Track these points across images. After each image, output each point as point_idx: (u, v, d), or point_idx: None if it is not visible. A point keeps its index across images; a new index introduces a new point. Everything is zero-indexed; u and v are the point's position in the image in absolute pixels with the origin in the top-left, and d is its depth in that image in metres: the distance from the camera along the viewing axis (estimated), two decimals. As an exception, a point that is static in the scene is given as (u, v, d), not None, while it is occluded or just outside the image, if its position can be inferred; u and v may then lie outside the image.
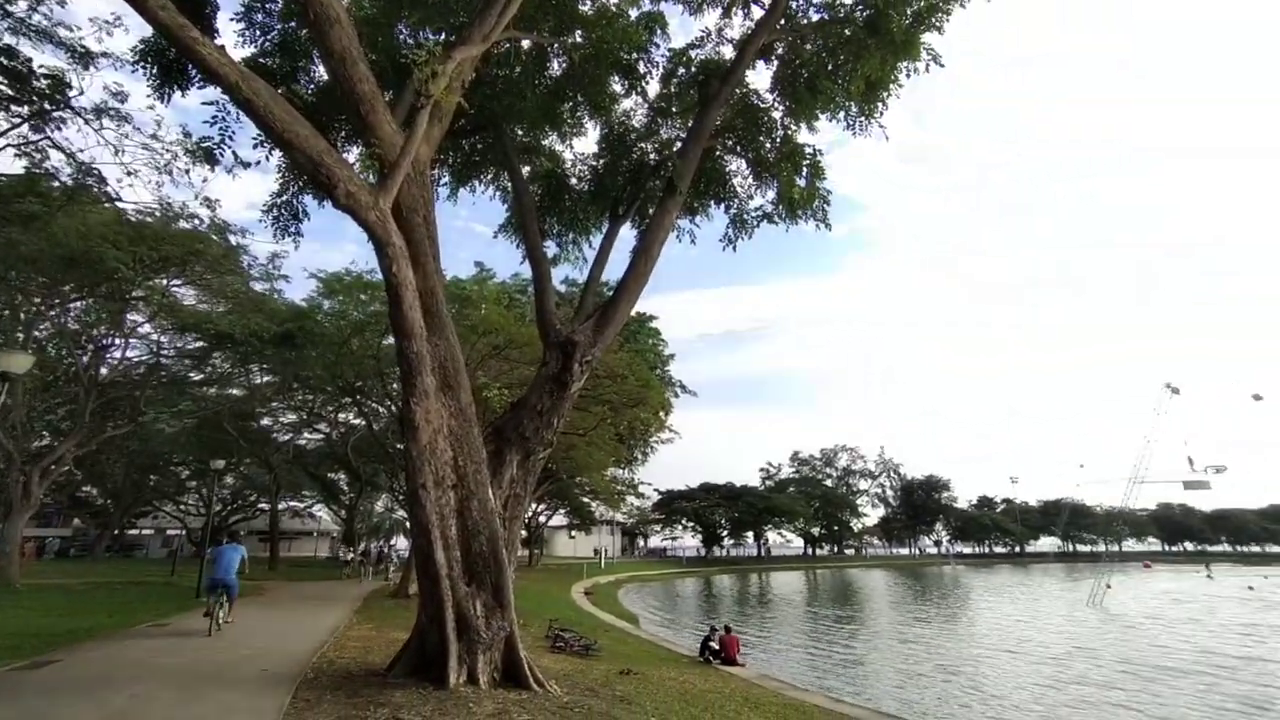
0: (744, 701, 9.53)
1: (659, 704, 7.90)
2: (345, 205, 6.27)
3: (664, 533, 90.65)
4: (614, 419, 25.50)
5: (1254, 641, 21.14)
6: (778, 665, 16.43)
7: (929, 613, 31.37)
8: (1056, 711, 12.23)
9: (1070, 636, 22.35)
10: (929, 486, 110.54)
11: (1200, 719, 11.93)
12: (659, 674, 11.02)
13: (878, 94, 8.96)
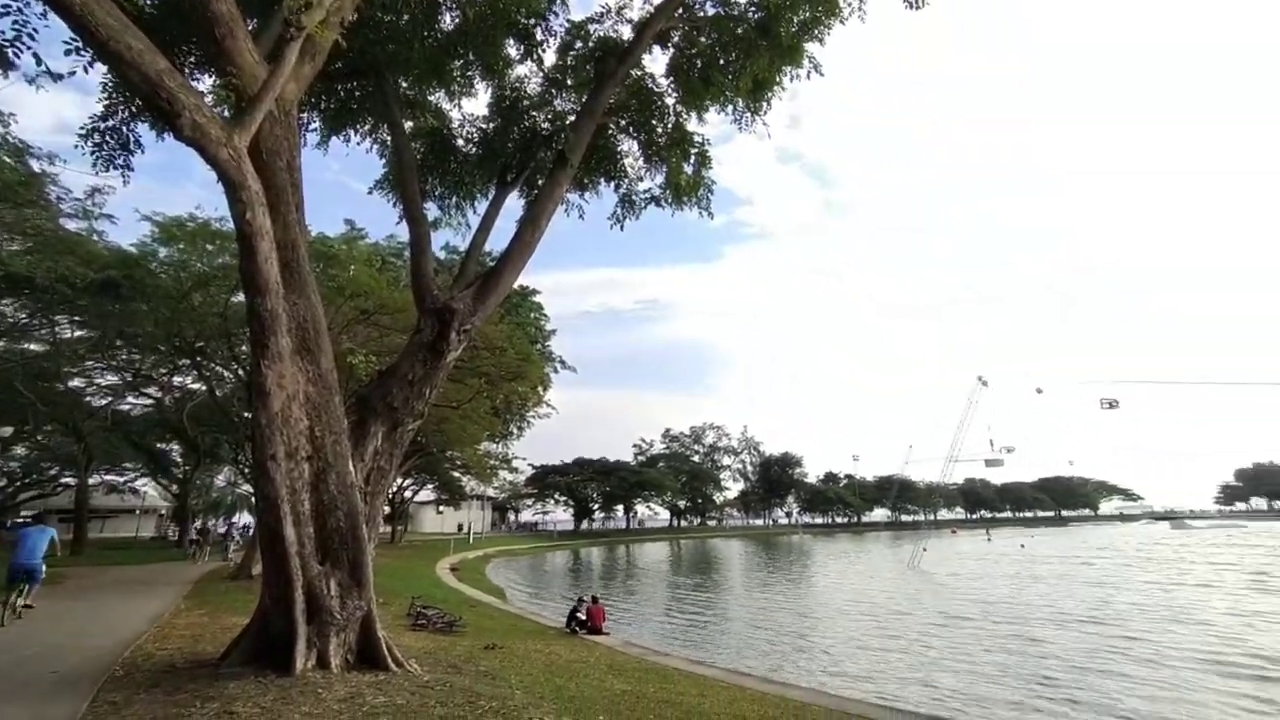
0: (608, 668, 9.89)
1: (524, 676, 7.98)
2: (190, 138, 5.45)
3: (536, 507, 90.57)
4: (490, 392, 24.87)
5: (1021, 587, 25.43)
6: (642, 632, 17.17)
7: (778, 578, 34.28)
8: (886, 658, 13.92)
9: (891, 593, 25.50)
10: (784, 463, 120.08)
11: (984, 652, 14.14)
12: (525, 647, 11.10)
13: (764, 93, 9.39)
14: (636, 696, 7.66)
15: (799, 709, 8.22)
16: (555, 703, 6.58)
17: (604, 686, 8.12)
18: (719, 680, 9.99)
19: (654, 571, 40.82)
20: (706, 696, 8.27)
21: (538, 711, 5.95)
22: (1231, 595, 23.21)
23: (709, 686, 9.17)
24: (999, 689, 11.28)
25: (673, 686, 8.78)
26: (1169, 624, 17.46)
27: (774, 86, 9.63)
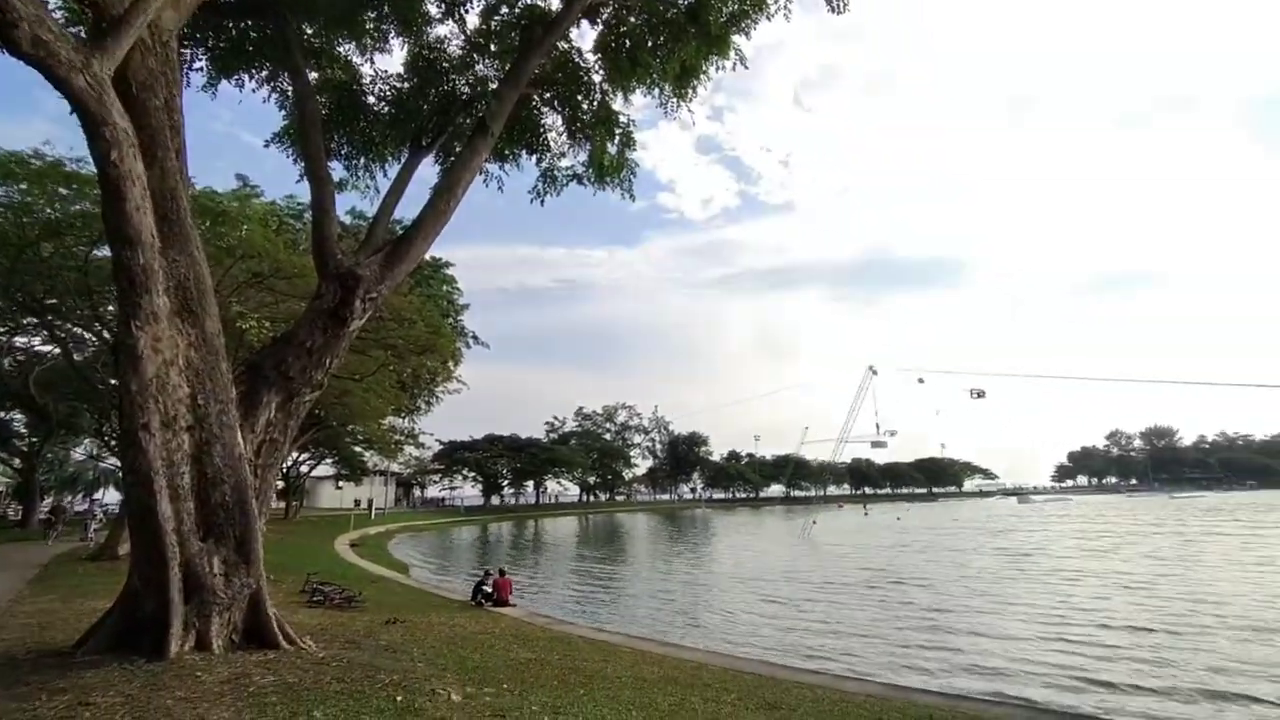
0: (514, 638, 9.98)
1: (426, 649, 7.92)
2: (31, 56, 4.67)
3: (443, 483, 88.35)
4: (398, 365, 23.88)
5: (896, 555, 27.94)
6: (549, 603, 17.36)
7: (680, 549, 35.63)
8: (776, 620, 14.90)
9: (782, 562, 27.19)
10: (691, 441, 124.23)
11: (858, 612, 15.46)
12: (428, 620, 10.96)
13: (690, 80, 9.48)
14: (541, 664, 7.82)
15: (695, 669, 8.71)
16: (458, 673, 6.60)
17: (509, 656, 8.22)
18: (622, 646, 10.36)
19: (562, 545, 41.16)
20: (609, 662, 8.57)
21: (440, 682, 5.96)
22: (1058, 556, 26.62)
23: (612, 652, 9.49)
24: (872, 645, 12.36)
25: (577, 654, 9.01)
26: (1010, 583, 19.81)
27: (700, 75, 9.73)
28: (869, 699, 7.69)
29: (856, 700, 7.53)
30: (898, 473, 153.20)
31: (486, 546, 40.70)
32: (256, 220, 17.27)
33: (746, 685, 7.87)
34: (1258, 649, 11.56)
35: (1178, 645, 11.87)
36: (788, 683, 8.37)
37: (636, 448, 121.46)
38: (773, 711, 6.52)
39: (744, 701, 6.83)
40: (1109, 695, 9.33)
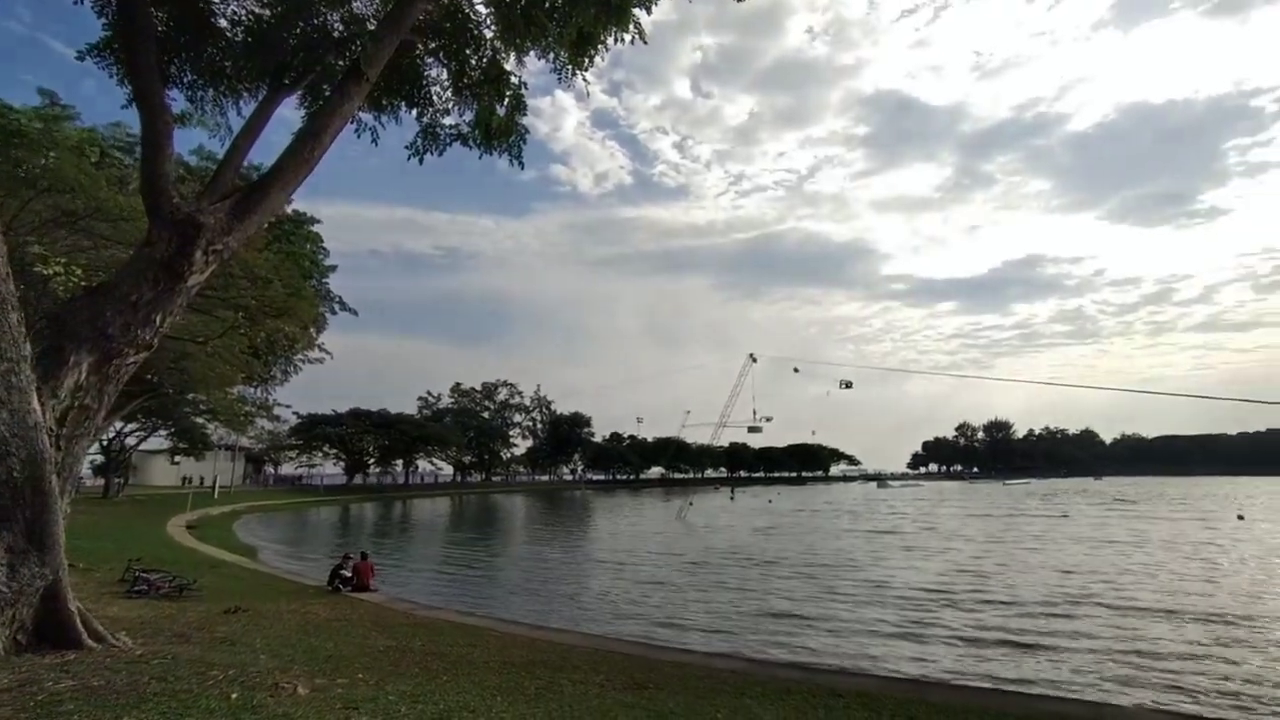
0: (373, 625, 9.44)
1: (272, 640, 7.25)
2: None
3: (301, 460, 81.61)
4: (249, 329, 21.48)
5: (766, 535, 29.94)
6: (416, 588, 16.62)
7: (557, 531, 35.65)
8: (648, 599, 15.29)
9: (658, 542, 28.13)
10: (574, 422, 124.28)
11: (724, 589, 16.37)
12: (277, 608, 10.08)
13: (587, 49, 9.18)
14: (401, 651, 7.44)
15: (566, 651, 8.72)
16: (308, 664, 6.10)
17: (366, 644, 7.75)
18: (490, 629, 10.14)
19: (433, 527, 39.62)
20: (476, 646, 8.35)
21: (286, 675, 5.45)
22: (906, 536, 29.89)
23: (480, 636, 9.26)
24: (742, 623, 13.03)
25: (442, 639, 8.69)
26: (868, 564, 21.91)
27: (598, 45, 9.44)
28: (734, 674, 8.04)
29: (722, 676, 7.87)
30: (772, 457, 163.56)
31: (348, 528, 38.21)
32: (68, 148, 14.59)
33: (616, 665, 7.98)
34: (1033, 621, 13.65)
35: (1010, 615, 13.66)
36: (658, 661, 8.57)
37: (517, 427, 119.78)
38: (641, 691, 6.66)
39: (612, 681, 6.93)
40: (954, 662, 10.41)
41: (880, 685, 8.24)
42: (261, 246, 21.30)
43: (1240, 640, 10.99)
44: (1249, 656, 10.06)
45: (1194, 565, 19.65)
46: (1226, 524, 33.10)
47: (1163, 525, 33.03)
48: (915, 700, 6.94)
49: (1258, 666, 9.56)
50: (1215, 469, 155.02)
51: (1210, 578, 17.28)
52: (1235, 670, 9.38)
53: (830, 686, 7.60)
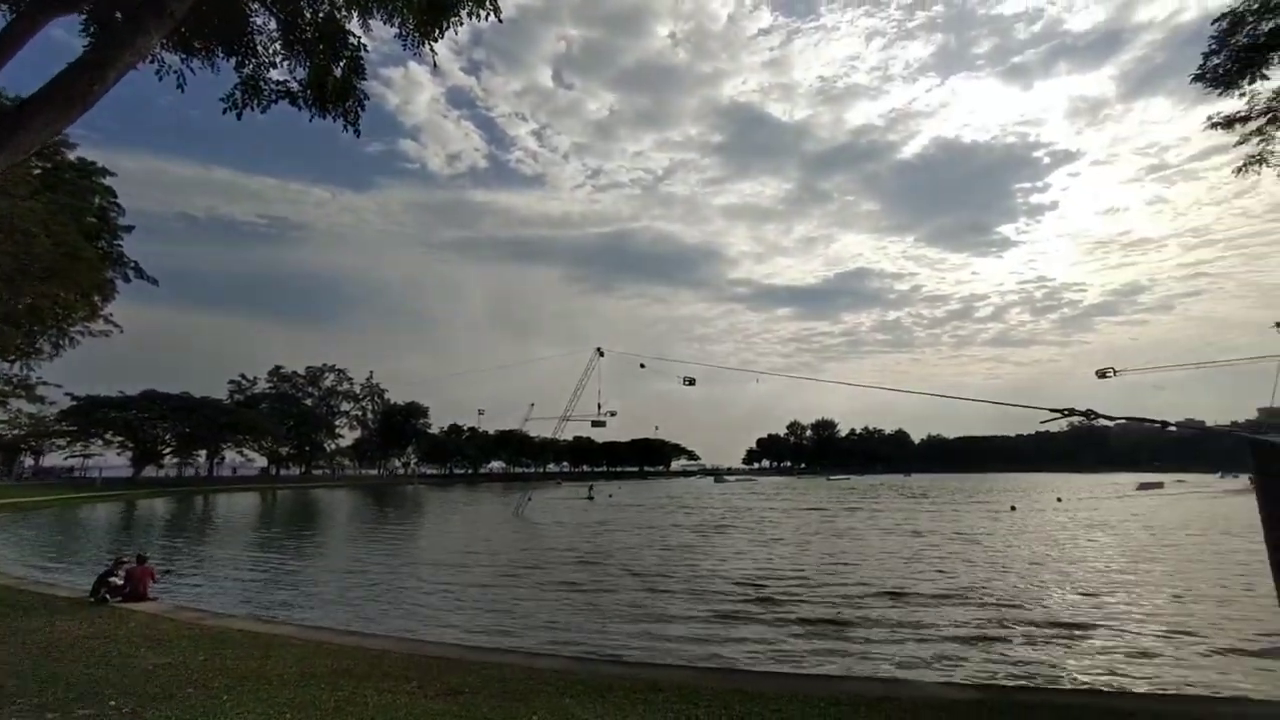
0: (144, 641, 8.14)
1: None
2: None
3: (75, 449, 67.88)
4: (5, 290, 17.48)
5: (602, 530, 30.56)
6: (208, 595, 14.60)
7: (384, 529, 33.36)
8: (476, 600, 14.82)
9: (492, 540, 27.48)
10: (409, 412, 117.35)
11: (562, 581, 16.45)
12: (10, 627, 8.28)
13: (439, 18, 8.65)
14: (176, 669, 6.51)
15: (377, 657, 8.19)
16: (38, 695, 5.09)
17: (130, 664, 6.66)
18: (292, 638, 9.20)
19: (236, 525, 35.01)
20: (271, 658, 7.54)
21: (5, 711, 4.50)
22: (737, 529, 32.17)
23: (278, 646, 8.37)
24: (573, 620, 13.13)
25: (230, 652, 7.73)
26: (698, 557, 23.20)
27: (452, 16, 8.93)
28: (556, 674, 7.92)
29: (544, 676, 7.75)
30: (615, 452, 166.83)
31: (132, 529, 32.49)
32: None
33: (432, 670, 7.62)
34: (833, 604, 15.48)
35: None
36: (477, 664, 8.26)
37: (344, 416, 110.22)
38: (455, 697, 6.44)
39: (425, 689, 6.63)
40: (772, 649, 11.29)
41: (698, 677, 8.46)
42: (26, 194, 17.42)
43: (1011, 618, 12.79)
44: (1018, 632, 11.74)
45: (975, 550, 23.07)
46: (1004, 515, 39.18)
47: (954, 516, 38.35)
48: (731, 690, 7.27)
49: (1024, 640, 11.19)
50: (1002, 466, 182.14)
51: (989, 562, 20.21)
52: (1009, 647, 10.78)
53: (651, 681, 7.73)
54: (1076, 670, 9.46)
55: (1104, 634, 11.44)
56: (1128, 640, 11.05)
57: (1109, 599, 14.45)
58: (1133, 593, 15.21)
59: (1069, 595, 14.95)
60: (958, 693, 7.63)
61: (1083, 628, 11.84)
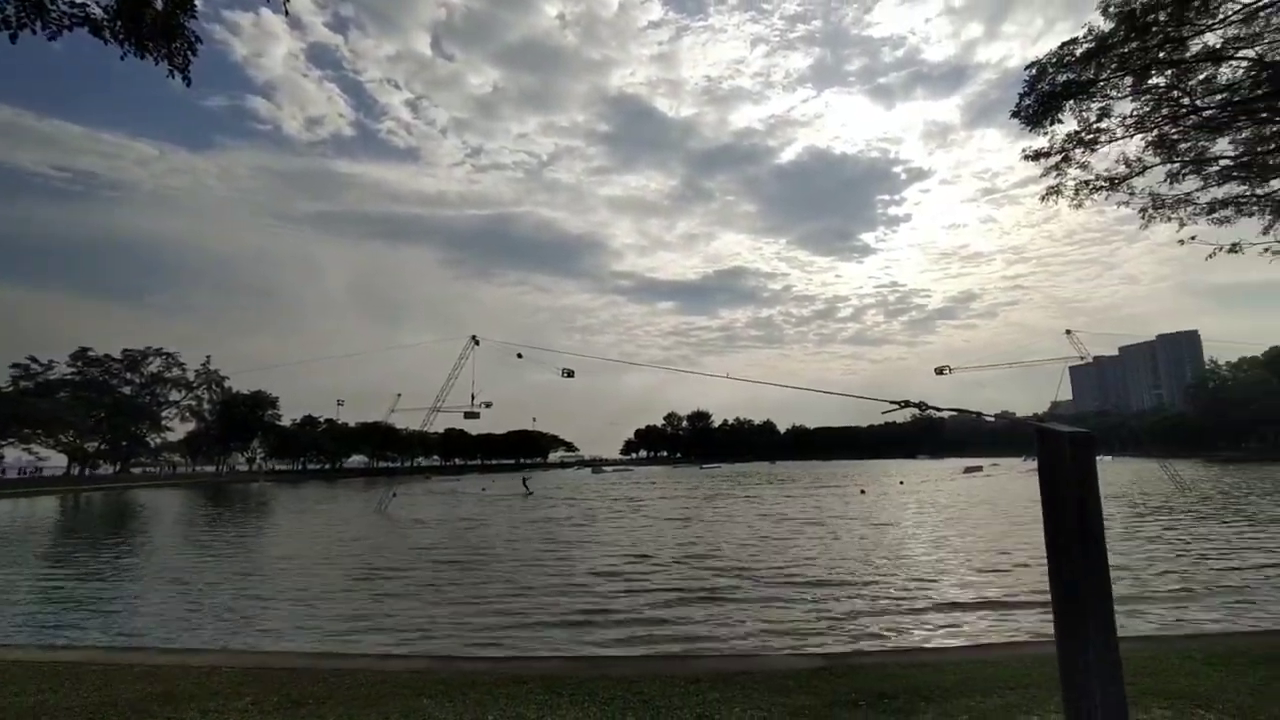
0: None
1: None
2: None
3: None
4: None
5: (471, 526, 29.54)
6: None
7: (220, 532, 29.76)
8: (328, 606, 13.64)
9: (351, 539, 25.53)
10: (254, 402, 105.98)
11: (426, 579, 15.65)
12: None
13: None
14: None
15: (205, 675, 7.28)
16: None
17: None
18: (90, 663, 7.89)
19: (21, 539, 29.44)
20: (61, 689, 6.41)
21: None
22: (606, 519, 32.50)
23: (71, 676, 7.13)
24: (436, 617, 12.52)
25: (3, 690, 6.45)
26: (567, 549, 23.12)
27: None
28: (413, 675, 7.59)
29: (400, 678, 7.38)
30: (491, 444, 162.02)
31: None
32: None
33: (271, 684, 6.92)
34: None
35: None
36: (324, 672, 7.61)
37: (174, 407, 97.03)
38: (297, 708, 5.89)
39: (261, 704, 5.99)
40: (638, 633, 11.50)
41: (564, 666, 8.48)
42: None
43: (859, 590, 13.90)
44: (863, 602, 12.82)
45: (827, 530, 24.90)
46: (854, 498, 42.63)
47: (813, 500, 41.30)
48: (597, 677, 7.28)
49: (869, 608, 12.28)
50: (855, 453, 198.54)
51: (840, 540, 21.90)
52: (856, 616, 11.72)
53: (515, 674, 7.61)
54: (909, 630, 10.69)
55: (930, 597, 13.02)
56: (949, 600, 12.68)
57: (935, 567, 16.45)
58: (953, 559, 17.46)
59: (906, 565, 16.82)
60: (806, 662, 8.27)
61: (916, 595, 13.36)
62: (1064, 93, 10.70)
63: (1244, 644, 8.36)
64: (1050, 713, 4.77)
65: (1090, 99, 10.81)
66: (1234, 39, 9.89)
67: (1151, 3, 9.65)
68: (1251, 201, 11.79)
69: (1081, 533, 4.31)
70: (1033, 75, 10.91)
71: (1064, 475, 4.51)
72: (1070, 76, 10.59)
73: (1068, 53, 10.39)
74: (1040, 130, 11.34)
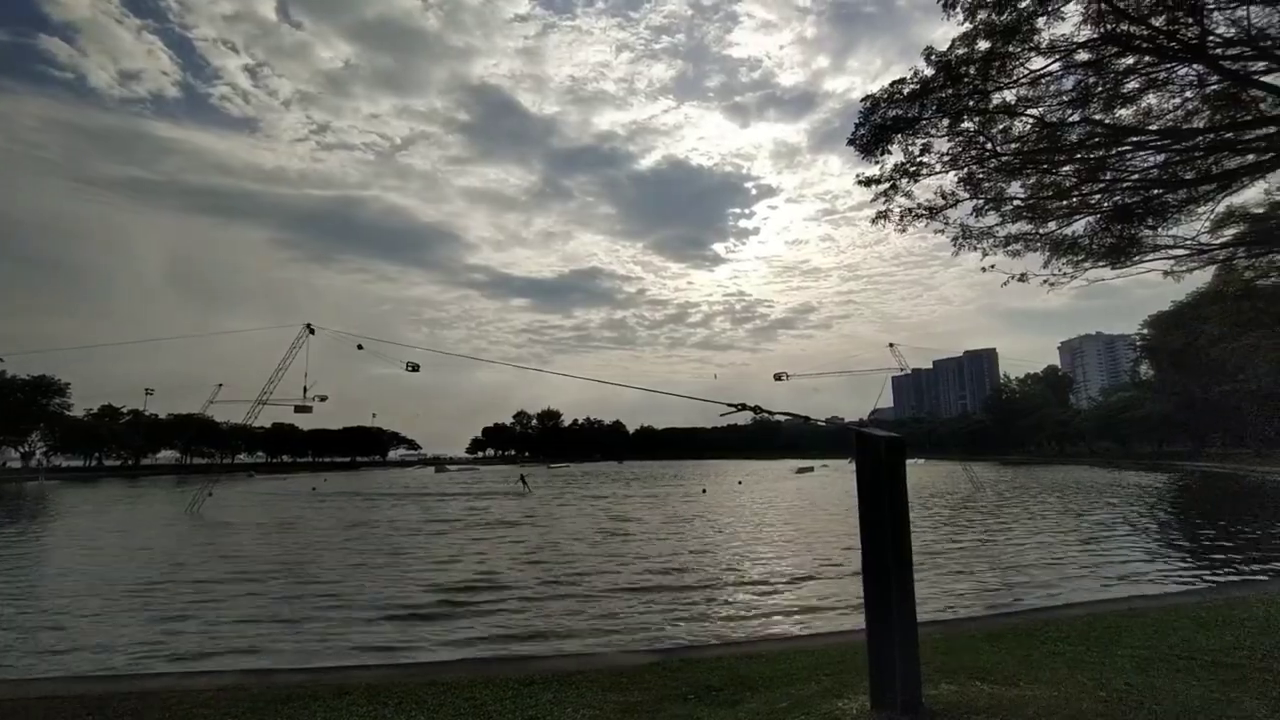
0: None
1: None
2: None
3: None
4: None
5: (294, 526, 26.77)
6: None
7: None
8: (130, 620, 11.48)
9: (152, 548, 21.96)
10: (36, 389, 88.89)
11: (233, 589, 13.77)
12: None
13: None
14: None
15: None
16: None
17: None
18: None
19: None
20: None
21: None
22: (436, 524, 30.98)
23: None
24: (246, 633, 11.04)
25: None
26: (399, 548, 21.62)
27: None
28: (220, 693, 6.85)
29: (204, 697, 6.59)
30: (324, 440, 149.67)
31: None
32: None
33: (35, 715, 6.02)
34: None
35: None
36: (114, 697, 6.70)
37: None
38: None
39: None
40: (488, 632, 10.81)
41: (390, 674, 8.10)
42: None
43: (695, 585, 14.36)
44: (700, 597, 13.17)
45: (670, 527, 25.56)
46: (697, 496, 44.05)
47: (658, 498, 42.11)
48: (425, 683, 6.99)
49: (704, 602, 12.70)
50: (699, 453, 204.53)
51: (680, 537, 22.58)
52: (693, 612, 11.97)
53: (338, 685, 7.14)
54: (742, 622, 11.16)
55: (761, 591, 13.79)
56: (777, 593, 13.49)
57: (765, 562, 17.49)
58: (782, 553, 18.73)
59: (740, 560, 17.69)
60: (641, 658, 8.32)
61: (747, 589, 14.06)
62: (893, 126, 11.79)
63: (1013, 622, 9.71)
64: (860, 694, 5.07)
65: (915, 135, 12.01)
66: (1024, 98, 11.49)
67: (964, 57, 10.93)
68: (1035, 238, 13.80)
69: (892, 525, 4.65)
70: (867, 108, 11.92)
71: (878, 474, 4.88)
72: (898, 113, 11.68)
73: (897, 91, 11.47)
74: (872, 159, 12.42)
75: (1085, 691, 5.38)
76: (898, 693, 4.55)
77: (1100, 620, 8.93)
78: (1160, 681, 5.71)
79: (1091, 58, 10.65)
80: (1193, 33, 9.77)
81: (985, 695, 5.14)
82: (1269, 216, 16.18)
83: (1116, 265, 13.84)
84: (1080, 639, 7.56)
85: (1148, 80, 10.91)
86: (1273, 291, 21.53)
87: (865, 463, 4.87)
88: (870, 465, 4.85)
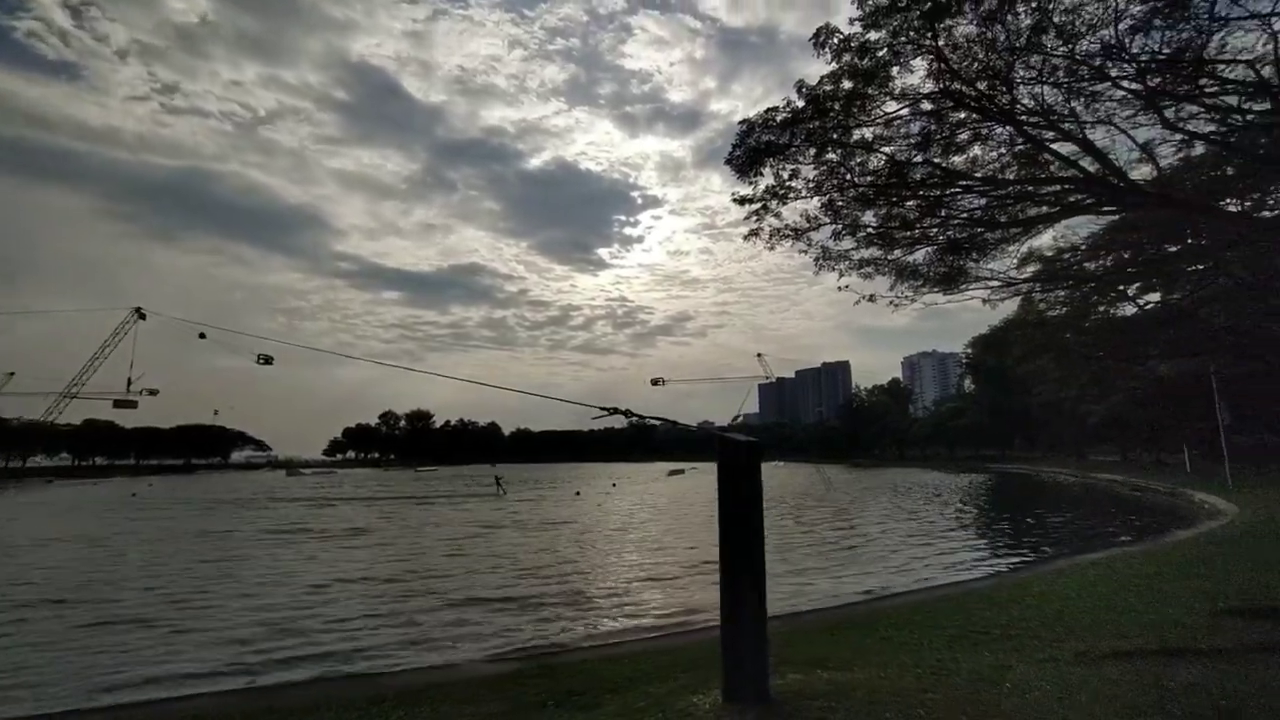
0: None
1: None
2: None
3: None
4: None
5: (102, 548, 23.19)
6: None
7: None
8: None
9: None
10: None
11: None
12: None
13: None
14: None
15: None
16: None
17: None
18: None
19: None
20: None
21: None
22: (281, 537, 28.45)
23: None
24: (51, 665, 9.30)
25: None
26: (224, 563, 19.47)
27: None
28: None
29: None
30: (154, 439, 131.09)
31: None
32: None
33: None
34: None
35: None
36: None
37: None
38: None
39: None
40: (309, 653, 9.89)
41: (221, 703, 7.39)
42: None
43: (561, 590, 14.26)
44: (563, 602, 13.06)
45: (538, 533, 25.05)
46: (569, 500, 43.70)
47: (532, 503, 41.08)
48: (262, 710, 6.47)
49: (569, 606, 12.60)
50: (575, 457, 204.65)
51: (548, 542, 22.13)
52: (555, 617, 11.92)
53: (160, 717, 6.64)
54: (603, 624, 11.26)
55: (624, 591, 14.00)
56: (640, 593, 13.77)
57: (631, 562, 17.84)
58: (647, 554, 19.18)
59: (605, 563, 17.87)
60: (499, 667, 8.13)
61: (610, 591, 14.20)
62: (766, 151, 12.58)
63: (849, 613, 10.67)
64: (714, 689, 5.26)
65: (785, 161, 12.91)
66: (879, 137, 12.76)
67: (830, 93, 11.92)
68: (884, 263, 15.33)
69: (748, 525, 4.94)
70: (744, 130, 12.62)
71: (739, 475, 5.16)
72: (771, 138, 12.49)
73: (771, 117, 12.27)
74: (747, 180, 13.18)
75: (905, 670, 6.04)
76: (749, 685, 4.83)
77: (922, 607, 10.06)
78: (962, 655, 6.57)
79: (933, 108, 12.08)
80: (1005, 100, 11.43)
81: (824, 681, 5.59)
82: (1055, 259, 19.32)
83: (948, 291, 15.75)
84: (905, 624, 8.47)
85: (974, 134, 12.58)
86: (1058, 322, 25.73)
87: (727, 464, 5.09)
88: (730, 466, 5.08)
